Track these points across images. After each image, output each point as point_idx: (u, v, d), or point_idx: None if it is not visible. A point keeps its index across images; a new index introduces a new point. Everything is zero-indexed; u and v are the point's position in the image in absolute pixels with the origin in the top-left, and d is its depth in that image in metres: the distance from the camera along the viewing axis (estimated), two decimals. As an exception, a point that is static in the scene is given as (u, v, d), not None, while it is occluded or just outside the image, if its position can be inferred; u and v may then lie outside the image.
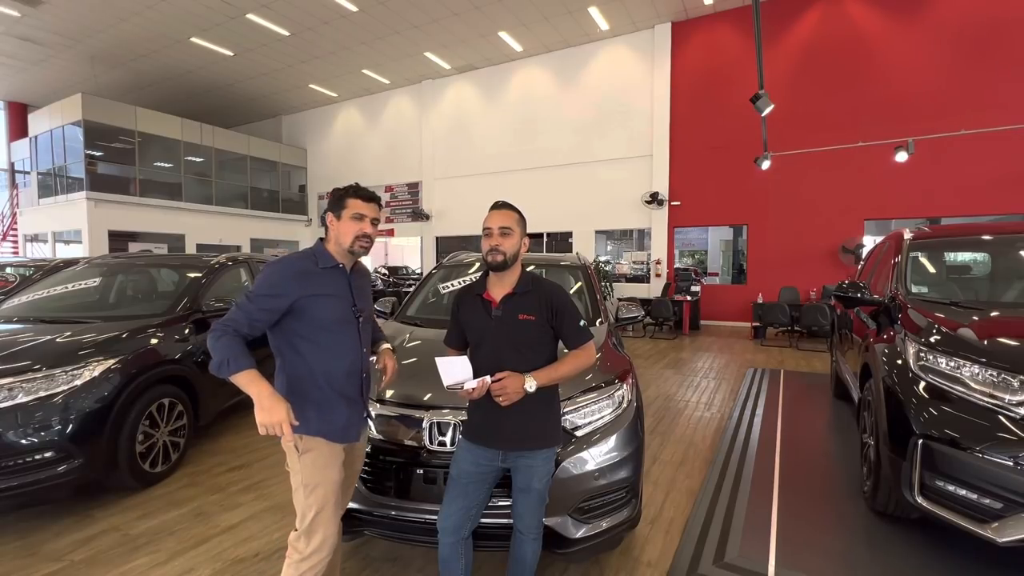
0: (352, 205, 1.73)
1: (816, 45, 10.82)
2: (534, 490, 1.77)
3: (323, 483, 1.67)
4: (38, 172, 15.76)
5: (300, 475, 1.67)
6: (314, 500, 1.66)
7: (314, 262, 1.74)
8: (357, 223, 1.74)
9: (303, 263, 1.72)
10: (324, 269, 1.74)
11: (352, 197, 1.74)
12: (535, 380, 1.67)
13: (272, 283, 1.65)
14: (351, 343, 1.79)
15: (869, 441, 2.97)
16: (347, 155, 18.26)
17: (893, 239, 3.99)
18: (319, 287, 1.71)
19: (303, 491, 1.67)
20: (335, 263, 1.77)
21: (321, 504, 1.66)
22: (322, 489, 1.67)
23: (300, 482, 1.67)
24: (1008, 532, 2.03)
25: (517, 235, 1.76)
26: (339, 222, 1.74)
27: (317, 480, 1.67)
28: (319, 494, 1.66)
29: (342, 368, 1.76)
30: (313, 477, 1.67)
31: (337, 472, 1.72)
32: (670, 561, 2.44)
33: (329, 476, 1.69)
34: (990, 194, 9.48)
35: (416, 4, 11.45)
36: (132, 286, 4.43)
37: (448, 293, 3.55)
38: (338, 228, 1.74)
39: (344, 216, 1.73)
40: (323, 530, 1.66)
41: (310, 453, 1.68)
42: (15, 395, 2.67)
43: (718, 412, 4.97)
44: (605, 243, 16.69)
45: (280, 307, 1.65)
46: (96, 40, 13.22)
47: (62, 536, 2.68)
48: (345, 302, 1.78)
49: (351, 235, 1.74)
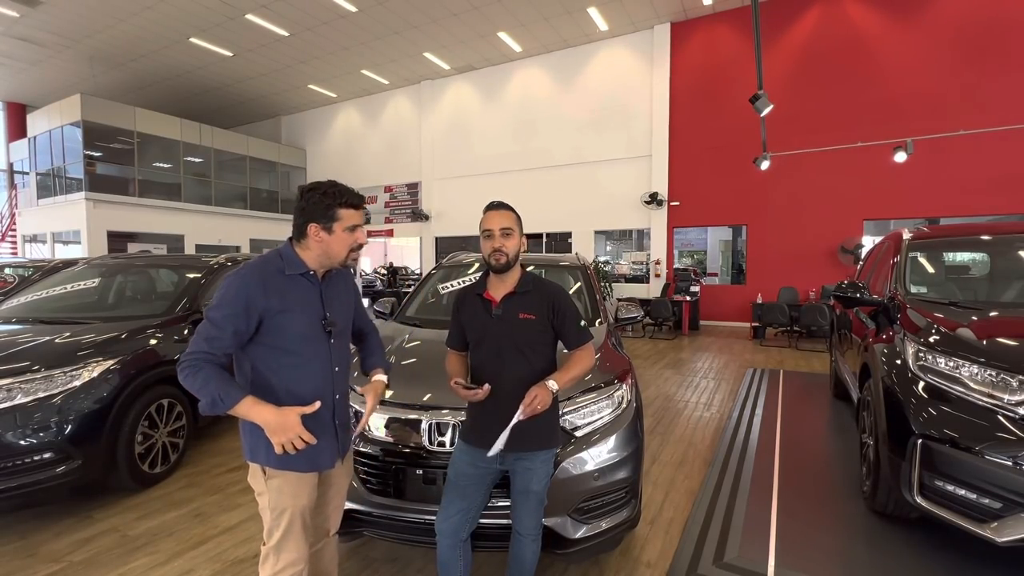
0: (345, 217, 1.54)
1: (815, 45, 10.83)
2: (533, 492, 1.77)
3: (290, 508, 1.55)
4: (37, 172, 15.75)
5: (266, 497, 1.55)
6: (282, 522, 1.54)
7: (279, 267, 1.55)
8: (351, 235, 1.56)
9: (266, 268, 1.53)
10: (290, 276, 1.55)
11: (343, 207, 1.53)
12: (555, 382, 1.68)
13: (238, 297, 1.46)
14: (320, 362, 1.59)
15: (868, 441, 2.97)
16: (346, 155, 18.26)
17: (892, 239, 4.00)
18: (283, 297, 1.52)
19: (269, 513, 1.56)
20: (305, 269, 1.57)
21: (287, 527, 1.55)
22: (289, 513, 1.54)
23: (266, 504, 1.56)
24: (1007, 532, 2.03)
25: (518, 235, 1.77)
26: (330, 236, 1.53)
27: (284, 506, 1.54)
28: (286, 518, 1.54)
29: (308, 391, 1.55)
30: (280, 503, 1.54)
31: (306, 498, 1.58)
32: (669, 561, 2.44)
33: (297, 503, 1.55)
34: (989, 194, 9.49)
35: (415, 5, 11.45)
36: (131, 287, 4.43)
37: (448, 293, 3.55)
38: (328, 243, 1.54)
39: (336, 230, 1.53)
40: (291, 550, 1.56)
41: (277, 479, 1.54)
42: (14, 396, 2.67)
43: (717, 412, 4.97)
44: (604, 243, 16.69)
45: (250, 325, 1.47)
46: (95, 40, 13.21)
47: (61, 537, 2.67)
48: (313, 314, 1.57)
49: (346, 249, 1.57)
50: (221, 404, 1.40)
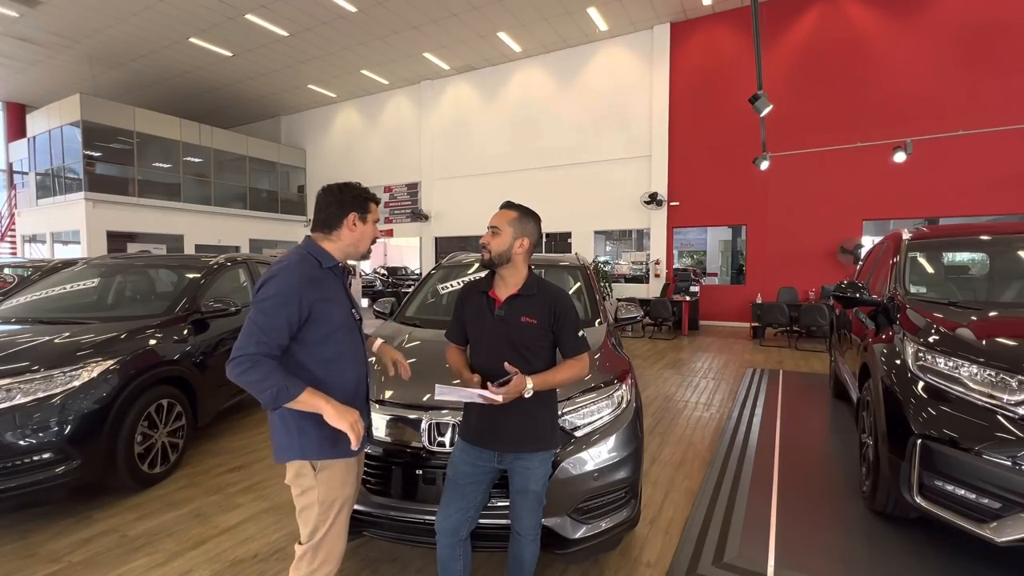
0: (373, 210, 1.70)
1: (814, 45, 10.84)
2: (531, 492, 1.77)
3: (340, 498, 1.61)
4: (36, 173, 15.74)
5: (315, 492, 1.57)
6: (330, 515, 1.59)
7: (315, 263, 1.62)
8: (375, 228, 1.73)
9: (304, 263, 1.59)
10: (327, 270, 1.64)
11: (372, 201, 1.70)
12: (533, 384, 1.66)
13: (289, 288, 1.50)
14: (357, 349, 1.71)
15: (868, 441, 2.97)
16: (346, 155, 18.25)
17: (892, 239, 4.00)
18: (326, 291, 1.60)
19: (318, 507, 1.57)
20: (335, 262, 1.67)
21: (335, 519, 1.60)
22: (339, 503, 1.61)
23: (315, 499, 1.57)
24: (1007, 532, 2.03)
25: (507, 234, 1.74)
26: (364, 227, 1.68)
27: (334, 496, 1.59)
28: (336, 508, 1.60)
29: (352, 378, 1.67)
30: (330, 494, 1.58)
31: (352, 486, 1.67)
32: (669, 561, 2.45)
33: (347, 491, 1.63)
34: (988, 194, 9.50)
35: (415, 5, 11.45)
36: (131, 287, 4.43)
37: (447, 293, 3.55)
38: (362, 232, 1.68)
39: (369, 220, 1.69)
40: (332, 543, 1.60)
41: (327, 471, 1.59)
42: (13, 396, 2.67)
43: (717, 412, 4.97)
44: (604, 243, 16.71)
45: (301, 315, 1.51)
46: (94, 40, 13.20)
47: (61, 537, 2.67)
48: (346, 305, 1.68)
49: (371, 240, 1.72)
50: (286, 394, 1.42)
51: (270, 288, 1.49)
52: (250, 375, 1.41)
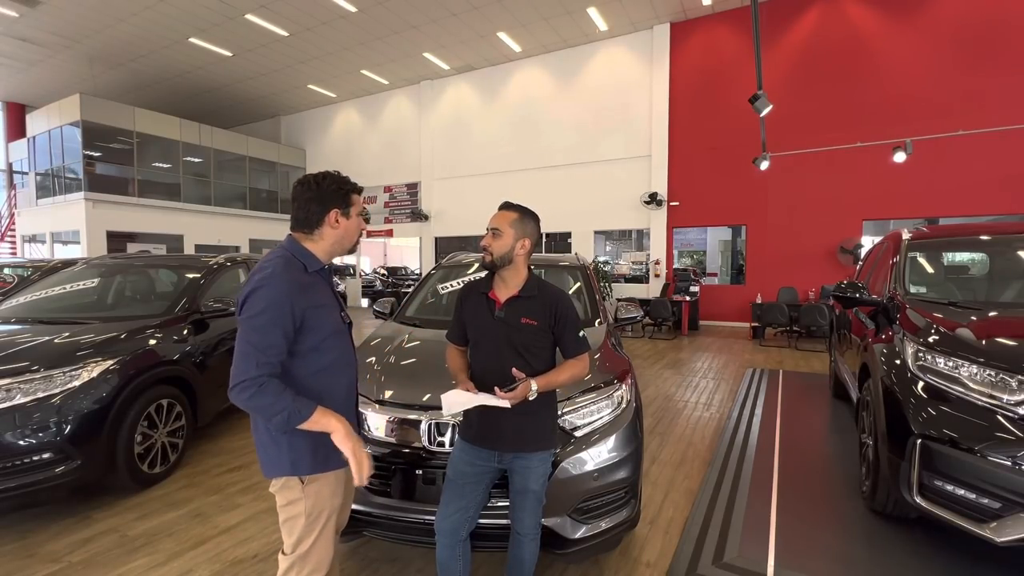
0: (356, 202, 1.58)
1: (814, 46, 10.84)
2: (531, 492, 1.77)
3: (327, 509, 1.53)
4: (36, 173, 15.73)
5: (303, 504, 1.49)
6: (317, 526, 1.51)
7: (301, 267, 1.51)
8: (360, 220, 1.60)
9: (291, 268, 1.48)
10: (312, 273, 1.53)
11: (354, 192, 1.57)
12: (537, 386, 1.68)
13: (279, 300, 1.40)
14: (348, 355, 1.62)
15: (868, 441, 2.97)
16: (346, 155, 18.23)
17: (891, 239, 4.00)
18: (316, 297, 1.50)
19: (304, 519, 1.49)
20: (321, 265, 1.56)
21: (322, 530, 1.52)
22: (326, 514, 1.53)
23: (302, 511, 1.49)
24: (1006, 532, 2.03)
25: (508, 236, 1.74)
26: (348, 221, 1.56)
27: (322, 508, 1.51)
28: (323, 519, 1.52)
29: (345, 384, 1.59)
30: (318, 506, 1.51)
31: (340, 496, 1.58)
32: (669, 561, 2.45)
33: (335, 502, 1.55)
34: (988, 194, 9.50)
35: (415, 5, 11.45)
36: (130, 287, 4.43)
37: (447, 293, 3.55)
38: (346, 227, 1.56)
39: (352, 214, 1.56)
40: (321, 552, 1.53)
41: (316, 483, 1.50)
42: (13, 396, 2.67)
43: (717, 412, 4.97)
44: (604, 243, 16.71)
45: (295, 325, 1.42)
46: (94, 40, 13.19)
47: (60, 537, 2.67)
48: (335, 309, 1.58)
49: (357, 234, 1.60)
50: (298, 416, 1.35)
51: (259, 302, 1.39)
52: (258, 400, 1.33)
